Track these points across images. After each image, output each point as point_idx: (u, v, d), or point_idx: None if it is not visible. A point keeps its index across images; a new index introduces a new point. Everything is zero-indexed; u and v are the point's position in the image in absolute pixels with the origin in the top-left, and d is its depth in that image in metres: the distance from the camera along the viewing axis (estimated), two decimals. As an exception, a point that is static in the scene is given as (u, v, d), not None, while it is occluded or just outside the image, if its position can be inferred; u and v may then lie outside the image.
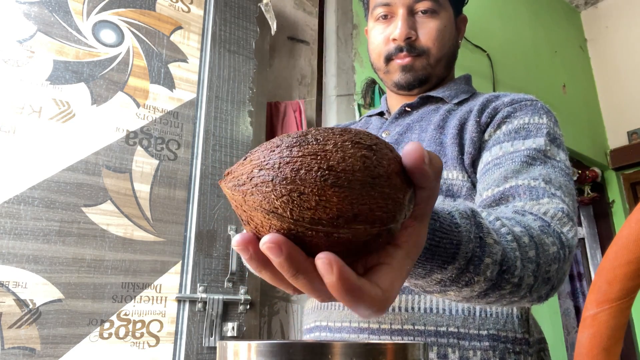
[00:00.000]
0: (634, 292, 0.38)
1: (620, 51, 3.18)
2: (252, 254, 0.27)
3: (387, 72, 0.79)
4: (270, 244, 0.25)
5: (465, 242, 0.37)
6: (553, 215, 0.51)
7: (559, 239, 0.48)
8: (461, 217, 0.38)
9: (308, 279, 0.26)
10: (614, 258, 0.38)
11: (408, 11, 0.76)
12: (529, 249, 0.43)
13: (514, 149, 0.62)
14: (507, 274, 0.40)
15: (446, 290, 0.39)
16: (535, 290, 0.44)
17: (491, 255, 0.38)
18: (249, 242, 0.27)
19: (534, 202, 0.54)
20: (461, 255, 0.36)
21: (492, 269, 0.39)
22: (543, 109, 0.67)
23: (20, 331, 0.97)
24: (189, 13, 1.42)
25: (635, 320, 2.73)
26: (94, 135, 1.16)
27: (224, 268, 1.27)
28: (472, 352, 0.59)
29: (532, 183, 0.56)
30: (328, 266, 0.24)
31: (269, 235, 0.25)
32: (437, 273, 0.37)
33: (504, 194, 0.57)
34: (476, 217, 0.39)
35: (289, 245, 0.25)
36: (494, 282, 0.39)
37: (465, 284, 0.38)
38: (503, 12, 2.67)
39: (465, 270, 0.37)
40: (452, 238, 0.36)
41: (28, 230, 1.03)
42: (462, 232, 0.37)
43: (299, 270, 0.25)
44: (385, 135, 0.77)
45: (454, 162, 0.66)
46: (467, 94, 0.77)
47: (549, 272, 0.45)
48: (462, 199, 0.65)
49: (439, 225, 0.36)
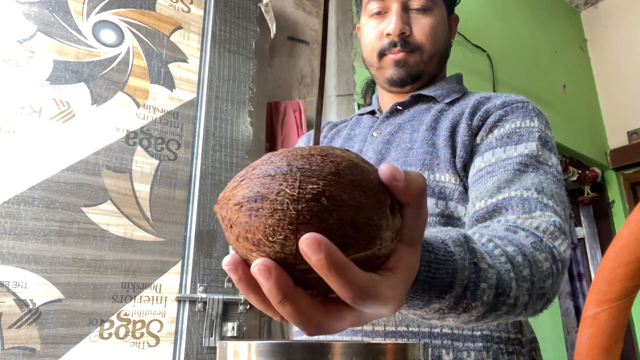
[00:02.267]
0: (634, 292, 0.38)
1: (620, 51, 3.17)
2: (241, 275, 0.27)
3: (379, 68, 0.79)
4: (261, 266, 0.25)
5: (460, 270, 0.37)
6: (545, 229, 0.52)
7: (552, 254, 0.49)
8: (454, 244, 0.38)
9: (295, 306, 0.26)
10: (614, 258, 0.38)
11: (402, 7, 0.76)
12: (523, 267, 0.44)
13: (507, 155, 0.62)
14: (503, 296, 0.41)
15: (445, 317, 0.39)
16: (530, 306, 0.45)
17: (486, 280, 0.39)
18: (238, 264, 0.27)
19: (526, 216, 0.54)
20: (457, 283, 0.37)
21: (488, 293, 0.39)
22: (534, 111, 0.68)
23: (20, 331, 0.97)
24: (189, 13, 1.42)
25: (635, 320, 2.73)
26: (94, 135, 1.16)
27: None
28: (465, 353, 0.59)
29: (525, 194, 0.57)
30: (315, 245, 0.23)
31: (261, 259, 0.25)
32: (435, 303, 0.37)
33: (497, 205, 0.57)
34: (469, 243, 0.40)
35: (278, 270, 0.25)
36: (490, 306, 0.40)
37: (463, 310, 0.38)
38: (503, 12, 2.67)
39: (462, 297, 0.38)
40: (448, 267, 0.36)
41: (28, 230, 1.03)
42: (457, 260, 0.37)
43: (286, 296, 0.25)
44: (376, 134, 0.76)
45: (446, 165, 0.66)
46: (458, 93, 0.77)
47: (543, 287, 0.46)
48: (454, 202, 0.65)
49: (434, 256, 0.36)
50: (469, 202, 0.63)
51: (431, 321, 0.41)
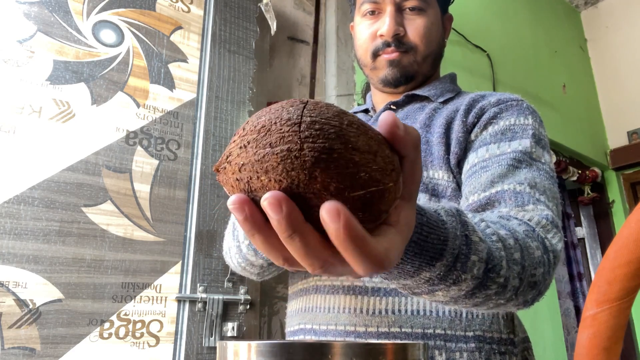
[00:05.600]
0: (634, 292, 0.38)
1: (620, 51, 3.18)
2: (247, 214, 0.26)
3: (373, 69, 0.79)
4: (272, 199, 0.24)
5: (452, 239, 0.37)
6: (537, 222, 0.52)
7: (543, 244, 0.49)
8: (447, 214, 0.38)
9: (303, 242, 0.25)
10: (614, 258, 0.38)
11: (396, 8, 0.76)
12: (514, 251, 0.44)
13: (500, 151, 0.62)
14: (493, 272, 0.41)
15: (434, 290, 0.39)
16: (521, 293, 0.45)
17: (477, 253, 0.39)
18: (245, 202, 0.26)
19: (519, 209, 0.54)
20: (448, 251, 0.37)
21: (478, 266, 0.39)
22: (528, 109, 0.68)
23: (20, 331, 0.97)
24: (189, 13, 1.42)
25: (635, 320, 2.73)
26: (94, 135, 1.16)
27: (224, 268, 1.27)
28: (458, 354, 0.59)
29: (518, 188, 0.57)
30: (335, 213, 0.23)
31: (272, 192, 0.25)
32: (425, 271, 0.37)
33: (490, 199, 0.58)
34: (461, 216, 0.40)
35: (290, 203, 0.24)
36: (480, 281, 0.40)
37: (453, 282, 0.38)
38: (503, 12, 2.67)
39: (452, 267, 0.38)
40: (439, 234, 0.36)
41: (28, 230, 1.03)
42: (449, 228, 0.37)
43: (296, 229, 0.25)
44: None
45: (440, 161, 0.66)
46: (452, 92, 0.77)
47: (534, 275, 0.46)
48: (446, 199, 0.65)
49: (426, 220, 0.36)
50: (462, 196, 0.63)
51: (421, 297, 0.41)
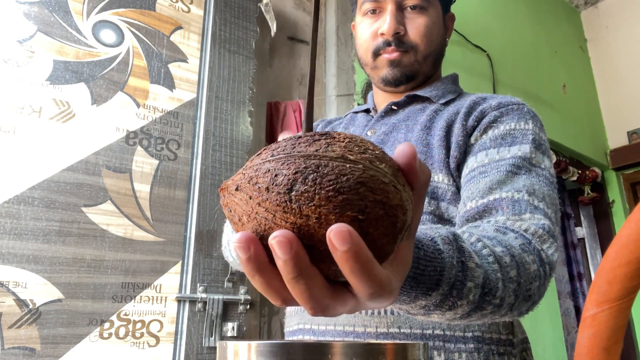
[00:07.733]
0: (634, 292, 0.38)
1: (620, 51, 3.17)
2: (252, 254, 0.25)
3: (374, 68, 0.78)
4: (282, 238, 0.23)
5: (448, 268, 0.37)
6: (534, 232, 0.52)
7: (539, 257, 0.49)
8: (443, 242, 0.38)
9: (308, 285, 0.25)
10: (614, 258, 0.38)
11: (397, 6, 0.75)
12: (510, 268, 0.44)
13: (500, 156, 0.62)
14: (489, 295, 0.41)
15: (430, 314, 0.40)
16: (516, 307, 0.45)
17: (473, 279, 0.39)
18: (251, 241, 0.25)
19: (516, 217, 0.54)
20: (445, 281, 0.37)
21: (474, 292, 0.39)
22: (529, 113, 0.67)
23: (20, 331, 0.97)
24: (189, 13, 1.42)
25: (635, 320, 2.73)
26: (94, 135, 1.16)
27: (224, 268, 1.27)
28: (457, 355, 0.59)
29: (516, 196, 0.57)
30: (346, 234, 0.23)
31: (282, 230, 0.24)
32: (421, 300, 0.37)
33: (487, 206, 0.57)
34: (458, 242, 0.40)
35: (299, 244, 0.24)
36: (476, 305, 0.40)
37: (448, 308, 0.39)
38: (503, 12, 2.67)
39: (448, 295, 0.38)
40: (436, 265, 0.36)
41: (28, 230, 1.03)
42: (445, 258, 0.37)
43: (302, 272, 0.24)
44: (370, 133, 0.76)
45: (440, 165, 0.66)
46: (453, 94, 0.77)
47: (529, 289, 0.46)
48: (445, 203, 0.65)
49: (423, 253, 0.36)
50: (461, 201, 0.63)
51: (417, 317, 0.41)
